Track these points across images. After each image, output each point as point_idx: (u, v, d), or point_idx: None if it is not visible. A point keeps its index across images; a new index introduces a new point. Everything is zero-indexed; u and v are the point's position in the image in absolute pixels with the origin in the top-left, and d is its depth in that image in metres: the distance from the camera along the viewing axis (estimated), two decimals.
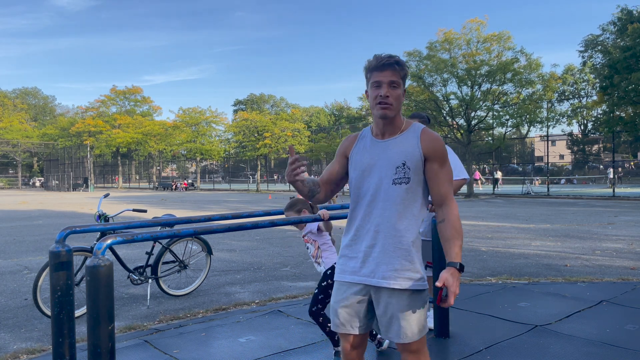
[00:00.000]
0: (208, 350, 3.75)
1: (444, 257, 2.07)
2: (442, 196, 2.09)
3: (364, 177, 2.16)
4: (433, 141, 2.10)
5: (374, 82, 2.08)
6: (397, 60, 2.07)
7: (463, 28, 28.37)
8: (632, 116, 26.53)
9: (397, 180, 2.08)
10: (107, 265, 2.19)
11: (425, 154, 2.08)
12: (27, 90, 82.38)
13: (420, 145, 2.09)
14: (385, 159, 2.12)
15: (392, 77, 2.05)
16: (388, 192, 2.09)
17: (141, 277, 5.28)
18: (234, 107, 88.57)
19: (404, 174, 2.08)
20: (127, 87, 58.86)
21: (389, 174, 2.10)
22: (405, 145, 2.11)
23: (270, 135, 45.98)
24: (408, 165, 2.08)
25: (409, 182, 2.08)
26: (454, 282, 1.96)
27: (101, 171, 69.53)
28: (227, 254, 8.39)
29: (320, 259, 3.55)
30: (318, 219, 3.25)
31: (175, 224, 3.65)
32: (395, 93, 2.07)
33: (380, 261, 2.08)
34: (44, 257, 8.00)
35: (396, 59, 2.07)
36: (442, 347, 3.74)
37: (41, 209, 20.57)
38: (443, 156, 2.10)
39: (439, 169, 2.09)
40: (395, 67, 2.05)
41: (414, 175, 2.09)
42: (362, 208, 2.16)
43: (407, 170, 2.08)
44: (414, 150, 2.08)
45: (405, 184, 2.08)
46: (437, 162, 2.09)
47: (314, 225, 3.55)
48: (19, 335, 4.31)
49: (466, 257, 7.69)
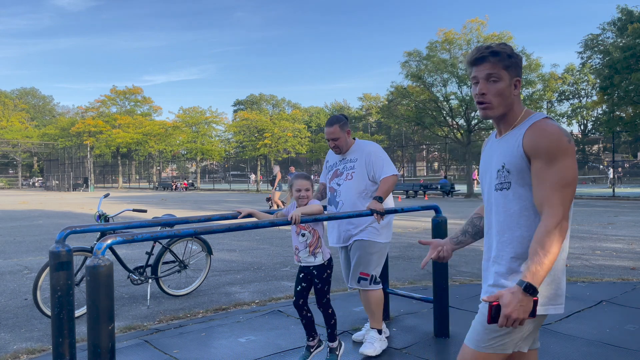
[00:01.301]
0: (208, 350, 3.75)
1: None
2: (539, 202, 1.71)
3: (482, 183, 1.98)
4: (537, 135, 1.73)
5: (472, 79, 1.85)
6: (493, 50, 1.79)
7: (463, 28, 28.43)
8: (632, 116, 26.55)
9: (499, 186, 1.82)
10: (107, 265, 2.19)
11: (527, 151, 1.74)
12: (26, 90, 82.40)
13: (522, 142, 1.75)
14: (492, 162, 1.89)
15: (489, 70, 1.79)
16: (494, 200, 1.85)
17: (141, 277, 5.28)
18: (234, 107, 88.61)
19: (504, 178, 1.80)
20: (128, 87, 58.91)
21: (493, 178, 1.86)
22: (509, 144, 1.81)
23: (270, 135, 45.99)
24: (507, 168, 1.79)
25: (510, 187, 1.79)
26: (511, 302, 1.57)
27: (101, 171, 69.52)
28: (227, 254, 8.39)
29: (319, 249, 3.35)
30: (288, 223, 3.05)
31: (175, 224, 3.65)
32: (495, 88, 1.79)
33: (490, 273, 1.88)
34: (44, 257, 8.00)
35: (492, 49, 1.80)
36: (442, 347, 3.74)
37: (41, 209, 20.57)
38: (550, 153, 1.70)
39: (543, 168, 1.70)
40: (490, 59, 1.79)
41: (516, 179, 1.77)
42: (486, 217, 1.97)
43: (506, 174, 1.79)
44: (514, 150, 1.78)
45: (506, 190, 1.79)
46: (540, 160, 1.71)
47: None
48: (19, 335, 4.31)
49: (466, 257, 7.70)
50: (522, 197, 1.77)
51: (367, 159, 3.65)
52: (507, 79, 1.80)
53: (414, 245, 9.17)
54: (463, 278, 6.18)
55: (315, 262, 3.35)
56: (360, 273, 3.63)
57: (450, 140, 32.28)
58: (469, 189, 28.74)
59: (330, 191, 3.78)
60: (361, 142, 3.79)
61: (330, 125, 3.66)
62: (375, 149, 3.71)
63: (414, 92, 30.27)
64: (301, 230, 3.34)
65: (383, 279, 4.39)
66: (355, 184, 3.64)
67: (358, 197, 3.63)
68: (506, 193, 1.80)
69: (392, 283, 5.79)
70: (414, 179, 54.04)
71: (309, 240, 3.34)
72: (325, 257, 3.39)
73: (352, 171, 3.67)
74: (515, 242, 1.78)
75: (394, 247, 8.69)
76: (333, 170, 3.80)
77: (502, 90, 1.79)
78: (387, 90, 59.42)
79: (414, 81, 29.62)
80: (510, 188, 1.78)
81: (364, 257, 3.63)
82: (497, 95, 1.79)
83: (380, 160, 3.64)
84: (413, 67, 29.47)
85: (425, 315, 4.53)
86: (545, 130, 1.72)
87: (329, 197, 3.81)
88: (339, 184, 3.71)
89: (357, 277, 3.65)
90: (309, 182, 3.38)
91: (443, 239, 2.21)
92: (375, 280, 3.64)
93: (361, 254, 3.63)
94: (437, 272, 3.91)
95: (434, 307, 3.99)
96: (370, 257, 3.63)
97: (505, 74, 1.79)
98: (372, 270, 3.64)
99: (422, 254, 8.08)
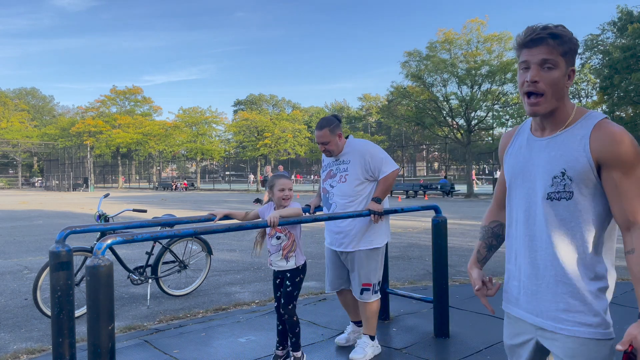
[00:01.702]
0: (208, 350, 3.75)
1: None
2: (629, 217, 1.49)
3: (514, 187, 1.70)
4: (610, 140, 1.48)
5: (521, 63, 1.57)
6: (552, 32, 1.52)
7: (464, 28, 28.45)
8: (632, 116, 26.55)
9: (555, 195, 1.55)
10: (107, 265, 2.19)
11: (598, 158, 1.50)
12: (26, 90, 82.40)
13: (589, 147, 1.51)
14: (540, 165, 1.60)
15: (545, 55, 1.51)
16: (544, 210, 1.58)
17: (141, 277, 5.28)
18: (234, 107, 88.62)
19: (565, 187, 1.54)
20: (128, 87, 58.91)
21: (543, 185, 1.58)
22: (569, 147, 1.54)
23: (271, 135, 46.00)
24: (569, 175, 1.53)
25: (571, 197, 1.53)
26: None
27: (101, 171, 69.53)
28: (227, 254, 8.39)
29: (292, 253, 3.24)
30: (266, 225, 2.95)
31: (175, 224, 3.65)
32: (549, 77, 1.52)
33: (542, 298, 1.61)
34: (44, 257, 8.00)
35: (551, 31, 1.52)
36: (442, 347, 3.74)
37: (41, 209, 20.57)
38: (628, 161, 1.48)
39: (624, 178, 1.48)
40: (549, 42, 1.51)
41: (579, 189, 1.53)
42: (514, 227, 1.70)
43: (567, 182, 1.53)
44: (578, 155, 1.52)
45: (566, 200, 1.54)
46: (618, 169, 1.48)
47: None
48: (19, 335, 4.31)
49: (466, 257, 7.69)
50: (585, 209, 1.53)
51: (363, 161, 3.53)
52: (564, 67, 1.53)
53: (414, 245, 9.17)
54: (463, 278, 6.18)
55: (287, 267, 3.27)
56: (362, 285, 3.54)
57: (450, 140, 32.29)
58: (469, 189, 28.74)
59: (324, 192, 3.70)
60: (353, 142, 3.67)
61: (320, 129, 3.54)
62: (369, 149, 3.59)
63: (414, 92, 30.28)
64: (276, 232, 3.24)
65: (383, 279, 4.39)
66: (348, 186, 3.54)
67: (351, 201, 3.54)
68: (566, 204, 1.54)
69: (392, 283, 5.79)
70: (414, 179, 54.05)
71: (283, 243, 3.26)
72: (298, 262, 3.29)
73: (345, 173, 3.57)
74: (580, 260, 1.54)
75: (394, 247, 8.69)
76: (327, 170, 3.72)
77: (557, 80, 1.52)
78: (387, 90, 59.48)
79: (414, 81, 29.63)
80: (571, 198, 1.53)
81: (363, 268, 3.53)
82: (551, 84, 1.52)
83: (378, 160, 3.53)
84: (413, 67, 29.48)
85: (425, 315, 4.53)
86: (616, 133, 1.49)
87: (323, 198, 3.74)
88: (332, 185, 3.62)
89: (360, 289, 3.55)
90: (291, 182, 3.33)
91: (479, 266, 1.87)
92: (375, 288, 3.57)
93: (360, 266, 3.54)
94: (437, 272, 3.91)
95: (434, 307, 3.99)
96: (369, 267, 3.54)
97: (562, 62, 1.52)
98: (373, 279, 3.55)
99: (422, 254, 8.08)
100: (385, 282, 4.40)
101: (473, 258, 1.88)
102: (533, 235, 1.62)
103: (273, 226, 2.95)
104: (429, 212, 3.89)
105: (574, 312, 1.53)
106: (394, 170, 3.54)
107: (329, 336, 4.01)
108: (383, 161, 3.54)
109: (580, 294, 1.53)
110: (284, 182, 3.26)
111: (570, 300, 1.54)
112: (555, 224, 1.56)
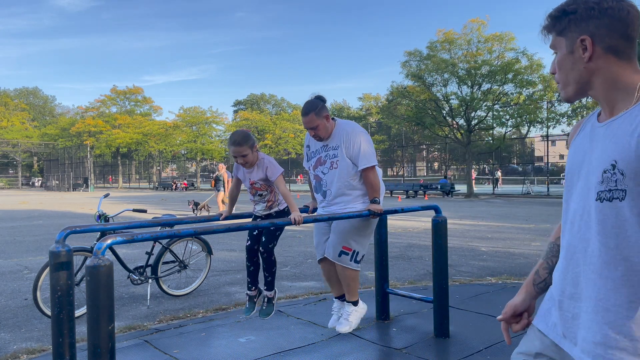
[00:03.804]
0: (208, 350, 3.75)
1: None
2: None
3: (569, 186, 1.37)
4: None
5: None
6: (547, 19, 1.35)
7: (464, 28, 28.45)
8: None
9: (604, 193, 1.21)
10: (107, 265, 2.19)
11: None
12: (28, 90, 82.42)
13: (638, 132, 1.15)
14: (594, 157, 1.27)
15: (550, 44, 1.36)
16: (595, 214, 1.23)
17: (141, 277, 5.29)
18: (234, 107, 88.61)
19: (616, 184, 1.18)
20: (128, 87, 58.92)
21: (595, 181, 1.24)
22: (624, 131, 1.20)
23: (271, 135, 46.00)
24: (620, 168, 1.17)
25: (624, 197, 1.16)
26: None
27: (101, 171, 69.53)
28: (227, 254, 8.39)
29: (275, 204, 3.53)
30: (289, 223, 3.13)
31: (175, 224, 3.65)
32: (555, 63, 1.35)
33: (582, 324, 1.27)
34: (44, 257, 8.00)
35: (547, 18, 1.35)
36: (442, 347, 3.74)
37: (41, 209, 20.57)
38: None
39: None
40: (549, 29, 1.35)
41: (634, 186, 1.15)
42: (566, 229, 1.36)
43: (619, 177, 1.18)
44: (632, 140, 1.16)
45: (619, 201, 1.17)
46: None
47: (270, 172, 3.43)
48: (19, 335, 4.31)
49: (466, 257, 7.70)
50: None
51: (345, 146, 3.46)
52: (564, 46, 1.32)
53: (414, 245, 9.17)
54: (463, 278, 6.19)
55: (271, 212, 3.54)
56: (342, 247, 3.46)
57: (450, 140, 32.29)
58: (469, 189, 28.74)
59: (316, 179, 3.63)
60: (341, 124, 3.56)
61: (306, 115, 3.44)
62: (351, 136, 3.47)
63: (414, 92, 30.29)
64: (257, 191, 3.50)
65: (383, 279, 4.39)
66: (341, 172, 3.47)
67: (346, 186, 3.48)
68: (618, 205, 1.18)
69: (392, 283, 5.79)
70: (414, 179, 54.04)
71: (266, 197, 3.52)
72: (281, 207, 3.53)
73: (336, 159, 3.49)
74: (636, 280, 1.17)
75: (394, 247, 8.68)
76: (316, 157, 3.63)
77: (561, 63, 1.34)
78: (387, 90, 59.43)
79: (414, 81, 29.63)
80: (624, 199, 1.17)
81: (347, 230, 3.45)
82: (559, 70, 1.35)
83: (356, 151, 3.43)
84: (413, 66, 29.48)
85: (425, 315, 4.53)
86: None
87: (315, 185, 3.66)
88: (324, 172, 3.55)
89: (339, 251, 3.46)
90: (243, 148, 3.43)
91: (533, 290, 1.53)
92: (356, 258, 3.49)
93: (345, 227, 3.45)
94: (437, 272, 3.91)
95: (434, 307, 3.98)
96: (354, 231, 3.46)
97: (561, 41, 1.33)
98: (354, 246, 3.47)
99: (422, 254, 8.08)
100: (385, 282, 4.40)
101: (528, 280, 1.55)
102: (581, 247, 1.29)
103: (298, 224, 3.13)
104: (429, 212, 3.89)
105: (614, 349, 1.18)
106: (370, 167, 3.44)
107: (329, 336, 4.01)
108: (360, 154, 3.44)
109: (625, 326, 1.17)
110: (233, 149, 3.42)
111: (611, 333, 1.19)
112: (605, 233, 1.20)
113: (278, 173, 3.39)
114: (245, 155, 3.43)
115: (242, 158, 3.44)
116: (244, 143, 3.40)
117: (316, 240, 3.76)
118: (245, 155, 3.42)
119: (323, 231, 3.70)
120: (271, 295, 3.53)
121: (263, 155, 3.52)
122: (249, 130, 3.66)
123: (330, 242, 3.56)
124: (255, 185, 3.48)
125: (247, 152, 3.42)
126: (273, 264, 3.48)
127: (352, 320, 3.56)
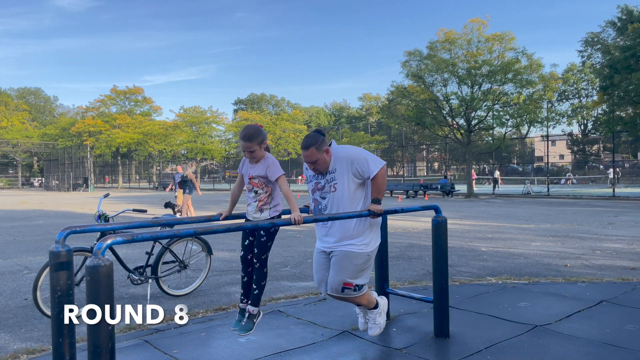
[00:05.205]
0: (208, 350, 3.75)
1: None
2: None
3: None
4: None
5: None
6: None
7: (464, 27, 28.42)
8: (632, 116, 26.53)
9: None
10: (107, 265, 2.19)
11: None
12: (29, 90, 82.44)
13: None
14: None
15: None
16: None
17: (141, 277, 5.29)
18: (235, 107, 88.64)
19: None
20: (128, 87, 58.89)
21: None
22: None
23: (272, 136, 45.99)
24: None
25: None
26: None
27: (101, 171, 69.50)
28: (227, 254, 8.39)
29: (267, 206, 3.40)
30: (288, 223, 3.13)
31: (175, 224, 3.65)
32: None
33: None
34: (44, 257, 8.00)
35: None
36: (442, 347, 3.74)
37: (41, 209, 20.57)
38: None
39: None
40: None
41: None
42: None
43: None
44: None
45: None
46: None
47: (270, 172, 3.41)
48: (19, 335, 4.31)
49: (466, 257, 7.70)
50: None
51: (349, 167, 3.49)
52: None
53: (414, 245, 9.17)
54: (463, 278, 6.19)
55: (261, 218, 3.41)
56: (343, 284, 3.46)
57: (450, 140, 32.29)
58: (469, 189, 28.74)
59: (315, 203, 3.65)
60: (336, 150, 3.60)
61: (306, 149, 3.48)
62: (351, 154, 3.55)
63: (414, 91, 30.26)
64: (253, 187, 3.44)
65: (383, 279, 4.39)
66: (340, 194, 3.50)
67: (347, 206, 3.51)
68: None
69: (392, 283, 5.79)
70: (414, 179, 53.99)
71: (259, 197, 3.42)
72: (272, 214, 3.42)
73: (334, 182, 3.52)
74: None
75: (394, 247, 8.68)
76: (313, 182, 3.66)
77: None
78: (387, 90, 59.44)
79: (415, 81, 29.60)
80: None
81: (348, 267, 3.46)
82: None
83: (363, 161, 3.49)
84: (413, 66, 29.44)
85: (425, 315, 4.53)
86: None
87: (313, 209, 3.68)
88: (323, 197, 3.58)
89: (341, 288, 3.48)
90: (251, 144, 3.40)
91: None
92: (359, 289, 3.51)
93: (345, 264, 3.46)
94: (437, 272, 3.91)
95: (434, 307, 3.99)
96: (354, 268, 3.47)
97: None
98: (356, 281, 3.49)
99: (422, 254, 8.08)
100: (385, 282, 4.40)
101: None
102: None
103: (298, 224, 3.12)
104: (429, 212, 3.89)
105: None
106: (381, 167, 3.50)
107: (329, 336, 4.02)
108: (368, 161, 3.49)
109: None
110: (242, 143, 3.39)
111: None
112: None
113: (278, 174, 3.39)
114: (253, 151, 3.44)
115: (250, 153, 3.46)
116: (253, 139, 3.41)
117: (318, 277, 3.69)
118: (253, 151, 3.43)
119: (324, 267, 3.65)
120: (254, 313, 3.42)
121: (269, 155, 3.51)
122: (261, 126, 3.64)
123: (330, 280, 3.53)
124: (253, 180, 3.47)
125: (255, 148, 3.42)
126: (264, 277, 3.41)
127: (379, 322, 3.69)
